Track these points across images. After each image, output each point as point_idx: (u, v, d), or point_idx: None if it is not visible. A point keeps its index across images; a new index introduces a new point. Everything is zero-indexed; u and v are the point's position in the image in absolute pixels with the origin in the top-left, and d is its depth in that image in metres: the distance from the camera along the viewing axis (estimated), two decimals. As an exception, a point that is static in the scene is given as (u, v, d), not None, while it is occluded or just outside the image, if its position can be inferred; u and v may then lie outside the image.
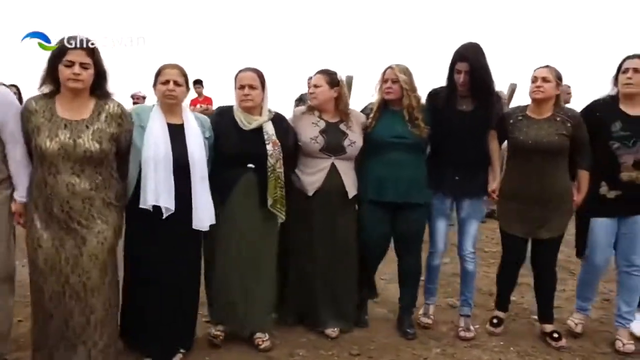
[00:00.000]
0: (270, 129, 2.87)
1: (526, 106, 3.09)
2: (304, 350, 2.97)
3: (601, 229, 3.00)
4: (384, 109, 3.10)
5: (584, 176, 3.01)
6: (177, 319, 2.72)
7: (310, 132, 3.01)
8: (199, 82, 9.05)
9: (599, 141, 2.94)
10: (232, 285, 2.86)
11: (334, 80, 3.03)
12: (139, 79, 6.60)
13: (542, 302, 3.20)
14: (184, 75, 2.67)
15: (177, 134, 2.61)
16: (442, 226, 3.20)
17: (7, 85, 2.68)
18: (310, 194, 2.99)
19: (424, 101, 3.15)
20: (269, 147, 2.81)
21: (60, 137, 2.32)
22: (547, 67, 2.95)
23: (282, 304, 3.17)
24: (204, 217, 2.64)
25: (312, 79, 3.13)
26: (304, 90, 5.59)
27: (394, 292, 3.52)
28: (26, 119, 2.37)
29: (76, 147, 2.32)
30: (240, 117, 2.85)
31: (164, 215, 2.52)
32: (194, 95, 9.24)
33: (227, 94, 3.43)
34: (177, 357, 2.74)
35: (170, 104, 2.64)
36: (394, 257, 3.29)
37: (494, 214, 4.55)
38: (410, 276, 3.25)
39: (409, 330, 3.19)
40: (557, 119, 2.94)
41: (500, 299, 3.33)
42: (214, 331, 2.96)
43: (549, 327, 3.15)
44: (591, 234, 3.04)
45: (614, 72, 2.98)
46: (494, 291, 3.48)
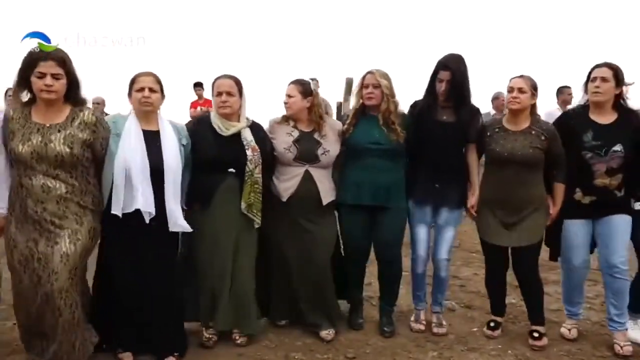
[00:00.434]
0: (248, 135, 2.93)
1: (502, 118, 3.16)
2: (299, 353, 2.96)
3: (575, 230, 3.03)
4: (361, 114, 3.15)
5: (560, 189, 3.05)
6: (160, 323, 2.73)
7: (284, 141, 3.06)
8: (199, 84, 9.06)
9: (573, 150, 2.98)
10: (214, 286, 2.91)
11: (306, 90, 3.08)
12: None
13: (530, 306, 3.20)
14: (159, 82, 2.72)
15: (152, 140, 2.66)
16: (422, 233, 3.22)
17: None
18: (284, 199, 3.03)
19: (407, 111, 3.21)
20: (249, 153, 2.88)
21: (32, 140, 2.37)
22: (521, 77, 2.99)
23: (270, 306, 3.23)
24: (177, 217, 2.68)
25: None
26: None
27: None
28: (5, 127, 2.43)
29: (48, 151, 2.37)
30: (218, 123, 2.91)
31: (146, 219, 2.57)
32: (194, 97, 9.25)
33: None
34: (171, 359, 2.75)
35: (146, 111, 2.68)
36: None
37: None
38: (388, 278, 3.28)
39: (385, 328, 3.22)
40: (532, 132, 2.99)
41: (493, 303, 3.34)
42: (206, 334, 2.98)
43: (535, 328, 3.14)
44: (567, 236, 3.07)
45: (584, 80, 3.03)
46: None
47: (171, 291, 2.76)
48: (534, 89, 2.99)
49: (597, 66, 2.96)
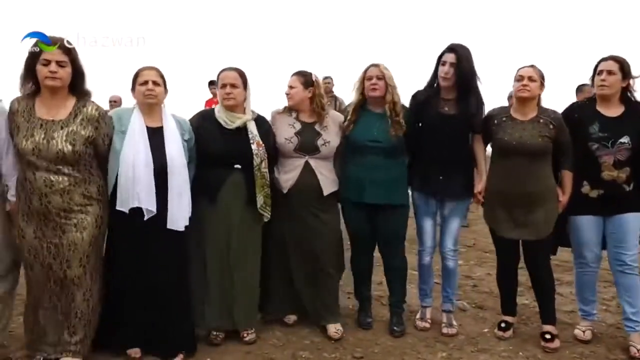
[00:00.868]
0: (254, 129, 2.94)
1: (509, 107, 3.12)
2: (306, 352, 2.94)
3: (585, 226, 3.00)
4: (361, 110, 3.14)
5: (568, 176, 3.01)
6: (166, 320, 2.72)
7: (286, 133, 3.07)
8: (213, 83, 9.11)
9: (579, 142, 2.96)
10: (220, 282, 2.92)
11: (308, 81, 3.09)
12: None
13: (541, 303, 3.16)
14: (162, 76, 2.73)
15: (156, 137, 2.66)
16: (428, 225, 3.23)
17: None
18: (285, 191, 3.04)
19: (408, 102, 3.20)
20: (254, 147, 2.89)
21: (35, 137, 2.40)
22: (532, 66, 2.97)
23: (267, 300, 3.21)
24: (178, 218, 2.68)
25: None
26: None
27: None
28: (11, 120, 2.47)
29: (49, 148, 2.40)
30: (222, 116, 2.92)
31: (146, 217, 2.58)
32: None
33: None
34: (179, 357, 2.75)
35: (150, 104, 2.68)
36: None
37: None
38: (394, 274, 3.27)
39: (395, 328, 3.20)
40: (541, 121, 2.96)
41: (504, 302, 3.28)
42: (213, 331, 2.98)
43: (546, 328, 3.08)
44: (577, 233, 3.04)
45: (591, 74, 3.00)
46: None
47: (178, 289, 2.76)
48: (543, 78, 2.98)
49: (603, 59, 2.94)
